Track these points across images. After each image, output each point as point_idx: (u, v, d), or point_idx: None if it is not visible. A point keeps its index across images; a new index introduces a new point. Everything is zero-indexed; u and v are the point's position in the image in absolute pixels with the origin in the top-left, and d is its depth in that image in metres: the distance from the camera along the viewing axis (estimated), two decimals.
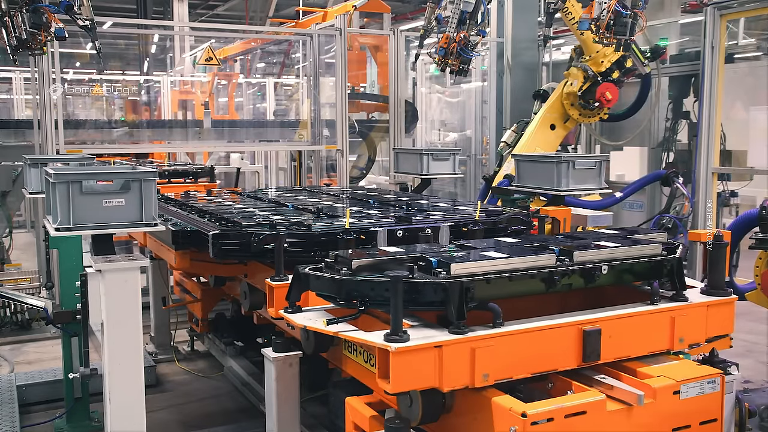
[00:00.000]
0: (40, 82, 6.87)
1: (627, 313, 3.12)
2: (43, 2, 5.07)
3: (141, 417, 3.48)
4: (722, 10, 6.40)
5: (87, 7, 5.49)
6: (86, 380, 4.39)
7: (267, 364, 3.60)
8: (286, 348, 3.61)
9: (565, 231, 5.15)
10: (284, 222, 4.17)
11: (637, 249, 3.35)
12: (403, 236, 4.11)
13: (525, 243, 3.50)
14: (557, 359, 2.94)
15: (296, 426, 3.63)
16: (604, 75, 7.18)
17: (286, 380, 3.57)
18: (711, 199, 6.56)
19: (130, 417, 3.45)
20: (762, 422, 4.74)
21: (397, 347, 2.60)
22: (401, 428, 2.76)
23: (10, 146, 8.67)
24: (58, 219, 3.36)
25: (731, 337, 3.54)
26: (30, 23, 5.07)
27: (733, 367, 3.41)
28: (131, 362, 3.45)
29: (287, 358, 3.56)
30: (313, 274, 3.10)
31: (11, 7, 5.06)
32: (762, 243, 4.74)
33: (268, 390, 3.61)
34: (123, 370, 3.43)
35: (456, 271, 2.86)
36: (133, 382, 3.46)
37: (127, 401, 3.44)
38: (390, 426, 2.76)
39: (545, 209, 5.21)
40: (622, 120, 8.14)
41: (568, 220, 5.20)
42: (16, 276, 7.53)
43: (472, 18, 6.70)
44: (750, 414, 3.47)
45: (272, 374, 3.55)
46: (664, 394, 2.85)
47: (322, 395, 4.72)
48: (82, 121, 9.93)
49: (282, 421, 3.57)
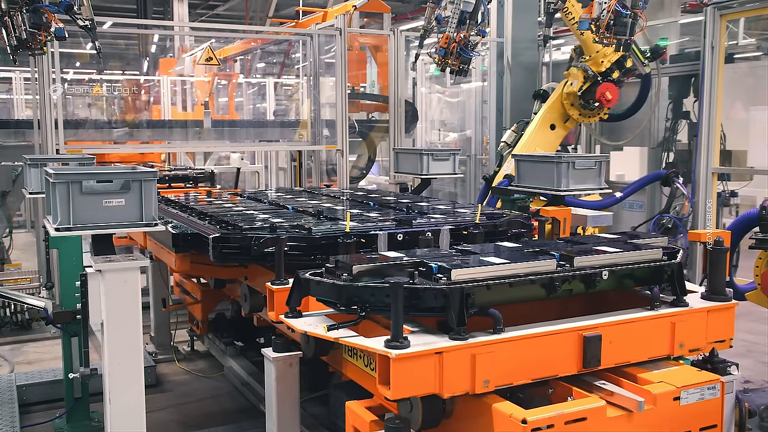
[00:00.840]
0: (40, 82, 6.86)
1: (627, 319, 3.13)
2: (43, 2, 5.06)
3: (141, 417, 3.48)
4: (722, 10, 6.40)
5: (87, 7, 5.49)
6: (86, 380, 4.39)
7: (267, 364, 3.60)
8: (286, 348, 3.61)
9: (565, 231, 5.15)
10: (284, 225, 4.18)
11: (637, 254, 3.35)
12: (403, 240, 4.12)
13: (525, 248, 3.50)
14: (558, 365, 2.95)
15: (296, 426, 3.63)
16: (604, 75, 7.18)
17: (286, 380, 3.57)
18: (711, 199, 6.56)
19: (130, 417, 3.45)
20: (762, 422, 4.74)
21: (398, 354, 2.61)
22: (401, 428, 2.76)
23: (10, 146, 8.67)
24: (58, 219, 3.36)
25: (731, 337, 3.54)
26: (30, 23, 5.07)
27: (733, 367, 3.41)
28: (131, 362, 3.45)
29: (287, 358, 3.56)
30: (314, 279, 3.12)
31: (11, 7, 5.06)
32: (762, 243, 4.74)
33: (268, 390, 3.61)
34: (123, 370, 3.43)
35: (456, 276, 2.86)
36: (133, 382, 3.46)
37: (127, 401, 3.44)
38: (390, 426, 2.76)
39: (545, 210, 5.20)
40: (622, 120, 8.13)
41: (568, 220, 5.20)
42: (16, 276, 7.53)
43: (472, 18, 6.69)
44: (750, 414, 3.47)
45: (272, 374, 3.55)
46: (665, 400, 2.86)
47: (322, 395, 4.72)
48: (82, 121, 9.93)
49: (282, 421, 3.56)
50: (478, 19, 6.74)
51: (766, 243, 4.73)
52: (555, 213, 5.15)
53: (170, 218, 4.78)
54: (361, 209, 5.15)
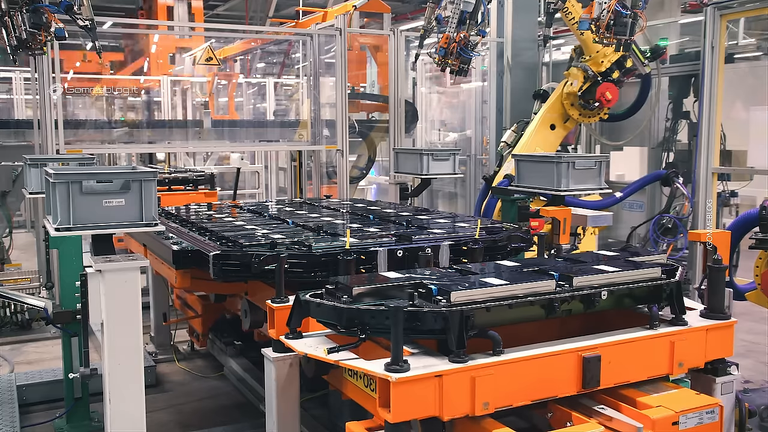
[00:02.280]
0: (40, 82, 6.87)
1: (626, 339, 3.14)
2: (43, 2, 5.06)
3: (141, 417, 3.48)
4: (722, 10, 6.40)
5: (87, 7, 5.49)
6: (86, 380, 4.38)
7: (267, 364, 3.60)
8: (286, 348, 3.61)
9: (565, 231, 5.15)
10: (285, 241, 4.19)
11: (636, 273, 3.36)
12: (403, 256, 4.13)
13: (524, 267, 3.52)
14: (557, 386, 2.96)
15: (296, 426, 3.62)
16: (604, 75, 7.17)
17: (286, 380, 3.57)
18: (711, 199, 6.56)
19: (130, 417, 3.45)
20: (762, 422, 4.73)
21: (398, 377, 2.62)
22: (401, 428, 2.76)
23: (10, 146, 8.67)
24: (58, 219, 3.35)
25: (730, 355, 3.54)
26: (30, 23, 5.07)
27: (733, 367, 3.42)
28: (131, 362, 3.45)
29: (287, 358, 3.56)
30: (314, 301, 3.14)
31: (11, 7, 5.06)
32: (762, 243, 4.74)
33: (268, 390, 3.61)
34: (123, 370, 3.43)
35: (456, 299, 2.87)
36: (133, 382, 3.46)
37: (127, 401, 3.44)
38: (391, 426, 2.76)
39: (545, 210, 5.20)
40: (622, 120, 8.13)
41: (568, 220, 5.20)
42: (16, 276, 7.52)
43: (472, 18, 6.69)
44: (750, 414, 3.48)
45: (272, 374, 3.54)
46: (663, 425, 2.86)
47: (322, 395, 4.72)
48: (82, 121, 9.93)
49: (282, 421, 3.56)
50: (478, 19, 6.74)
51: (766, 243, 4.73)
52: (555, 213, 5.15)
53: (170, 233, 4.79)
54: (361, 223, 5.16)
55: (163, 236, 4.55)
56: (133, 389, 3.46)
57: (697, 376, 3.44)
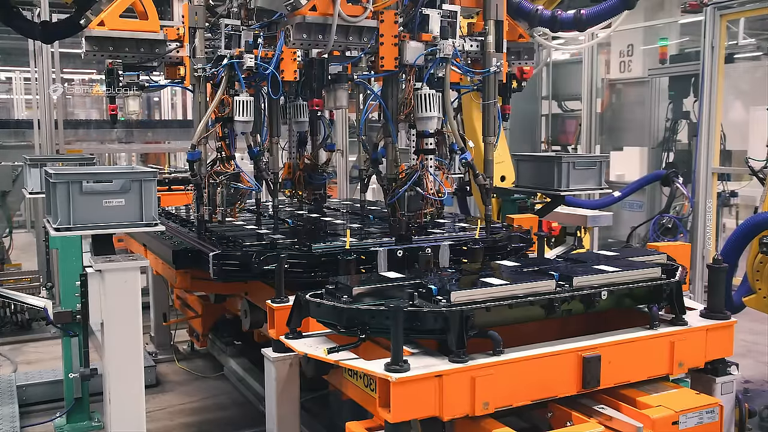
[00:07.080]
0: (40, 82, 6.87)
1: (626, 339, 3.14)
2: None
3: (141, 417, 3.48)
4: (722, 10, 6.40)
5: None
6: (86, 380, 4.39)
7: (267, 364, 3.60)
8: (286, 348, 3.61)
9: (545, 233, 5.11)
10: (285, 241, 4.18)
11: (636, 273, 3.36)
12: (403, 256, 4.12)
13: (524, 267, 3.51)
14: (557, 386, 2.96)
15: (296, 426, 3.62)
16: None
17: (286, 380, 3.57)
18: (711, 199, 6.56)
19: (130, 417, 3.45)
20: (762, 422, 4.73)
21: (398, 377, 2.62)
22: (401, 428, 2.76)
23: (10, 146, 8.67)
24: (58, 219, 3.36)
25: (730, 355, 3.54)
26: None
27: (733, 367, 3.41)
28: (131, 362, 3.45)
29: (287, 358, 3.56)
30: (314, 301, 3.14)
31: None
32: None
33: (268, 390, 3.61)
34: (123, 370, 3.43)
35: (456, 299, 2.87)
36: (133, 382, 3.46)
37: (127, 401, 3.44)
38: (390, 426, 2.76)
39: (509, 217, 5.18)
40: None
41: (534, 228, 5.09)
42: (16, 276, 7.52)
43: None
44: (750, 414, 3.48)
45: (272, 374, 3.54)
46: (663, 424, 2.86)
47: (322, 395, 4.72)
48: (82, 121, 9.92)
49: (282, 421, 3.56)
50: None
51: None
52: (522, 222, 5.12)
53: (170, 233, 4.78)
54: (361, 223, 5.14)
55: (163, 236, 4.55)
56: (133, 389, 3.46)
57: (697, 376, 3.44)
